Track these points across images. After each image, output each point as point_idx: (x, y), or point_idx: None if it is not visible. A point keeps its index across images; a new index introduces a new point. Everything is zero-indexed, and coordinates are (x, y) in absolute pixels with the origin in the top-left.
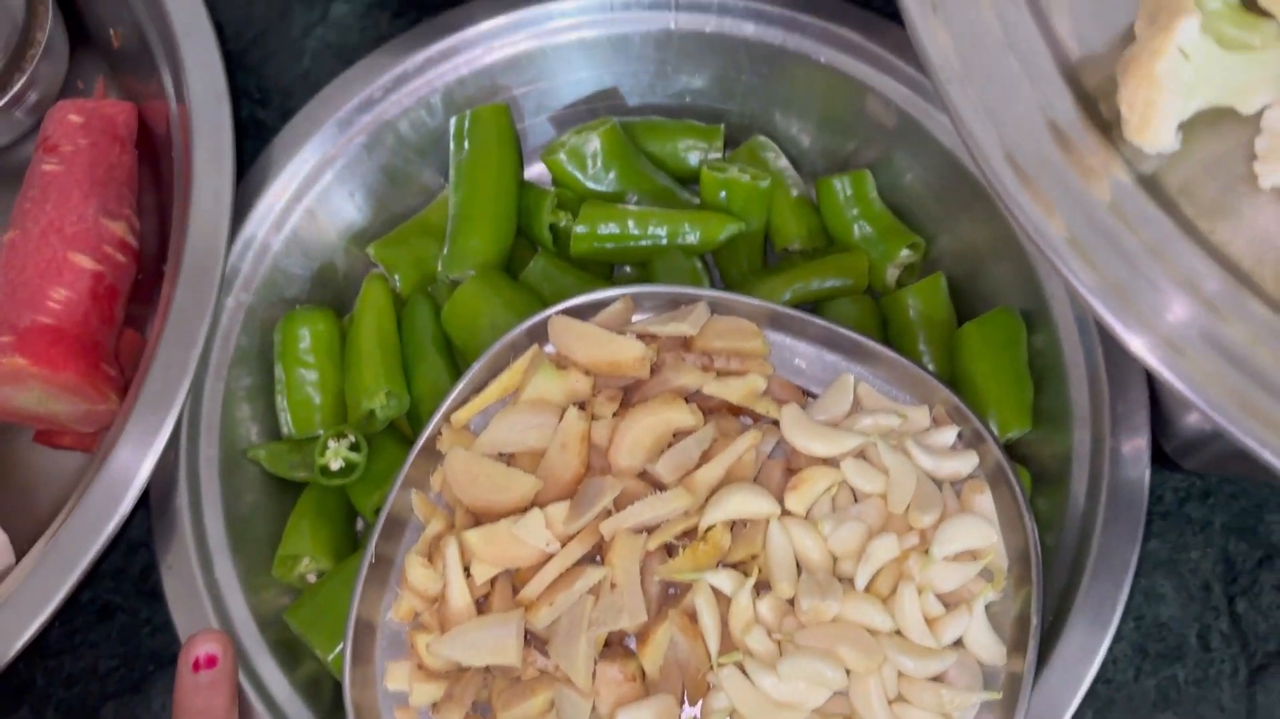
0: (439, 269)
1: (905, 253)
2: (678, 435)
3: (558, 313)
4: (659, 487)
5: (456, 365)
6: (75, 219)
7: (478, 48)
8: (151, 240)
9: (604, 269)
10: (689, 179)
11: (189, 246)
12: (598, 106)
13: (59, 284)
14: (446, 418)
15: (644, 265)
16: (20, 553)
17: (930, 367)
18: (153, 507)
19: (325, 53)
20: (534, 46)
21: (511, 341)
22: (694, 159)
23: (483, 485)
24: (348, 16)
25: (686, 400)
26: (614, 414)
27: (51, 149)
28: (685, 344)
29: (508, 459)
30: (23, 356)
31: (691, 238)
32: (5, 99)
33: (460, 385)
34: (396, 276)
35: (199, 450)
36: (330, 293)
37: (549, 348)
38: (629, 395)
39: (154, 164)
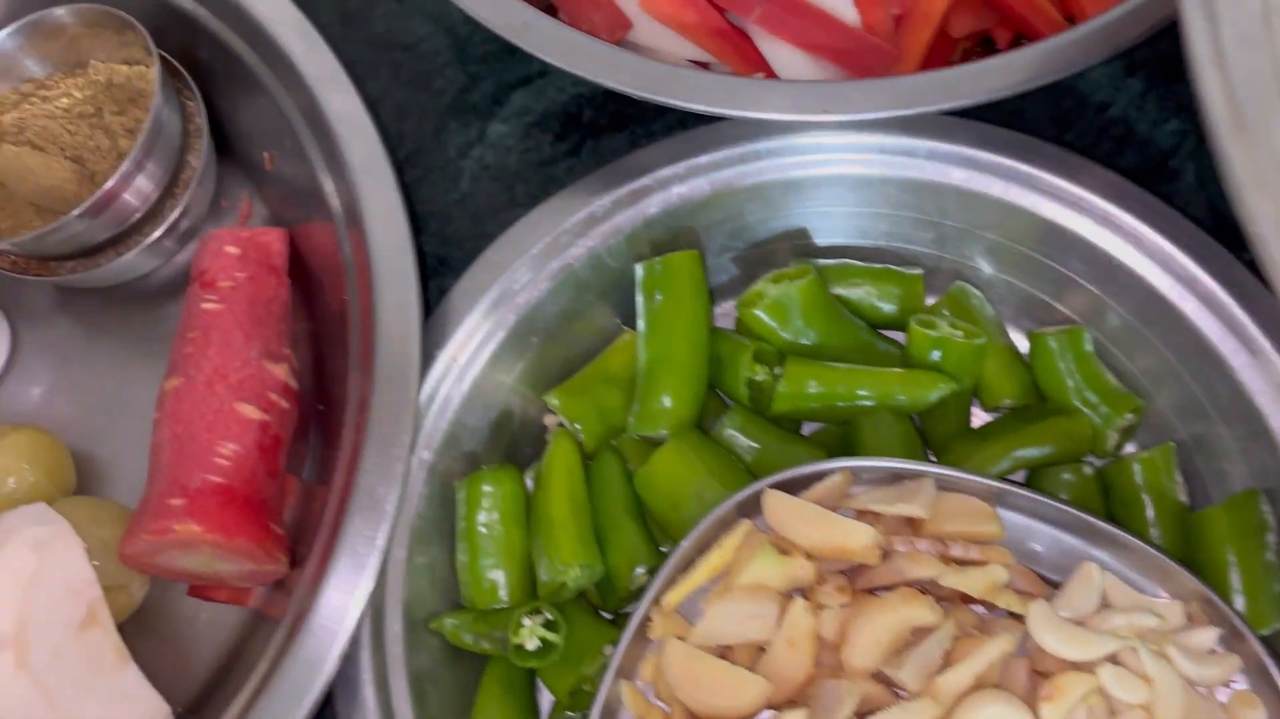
0: (630, 424)
1: (1128, 417)
2: (916, 633)
3: (770, 487)
4: (894, 688)
5: (649, 532)
6: (239, 364)
7: (671, 188)
8: (304, 375)
9: (796, 425)
10: (882, 326)
11: (377, 402)
12: (783, 246)
13: (226, 438)
14: (656, 601)
15: (844, 424)
16: (178, 712)
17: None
18: (336, 680)
19: (484, 175)
20: (729, 186)
21: (721, 518)
22: (887, 307)
23: (707, 687)
24: (507, 137)
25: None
26: (842, 605)
27: (209, 284)
28: (912, 526)
29: (723, 652)
30: (196, 523)
31: (902, 399)
32: (160, 229)
33: (670, 565)
34: (578, 426)
35: (384, 619)
36: (505, 442)
37: (758, 521)
38: (853, 581)
39: (304, 289)
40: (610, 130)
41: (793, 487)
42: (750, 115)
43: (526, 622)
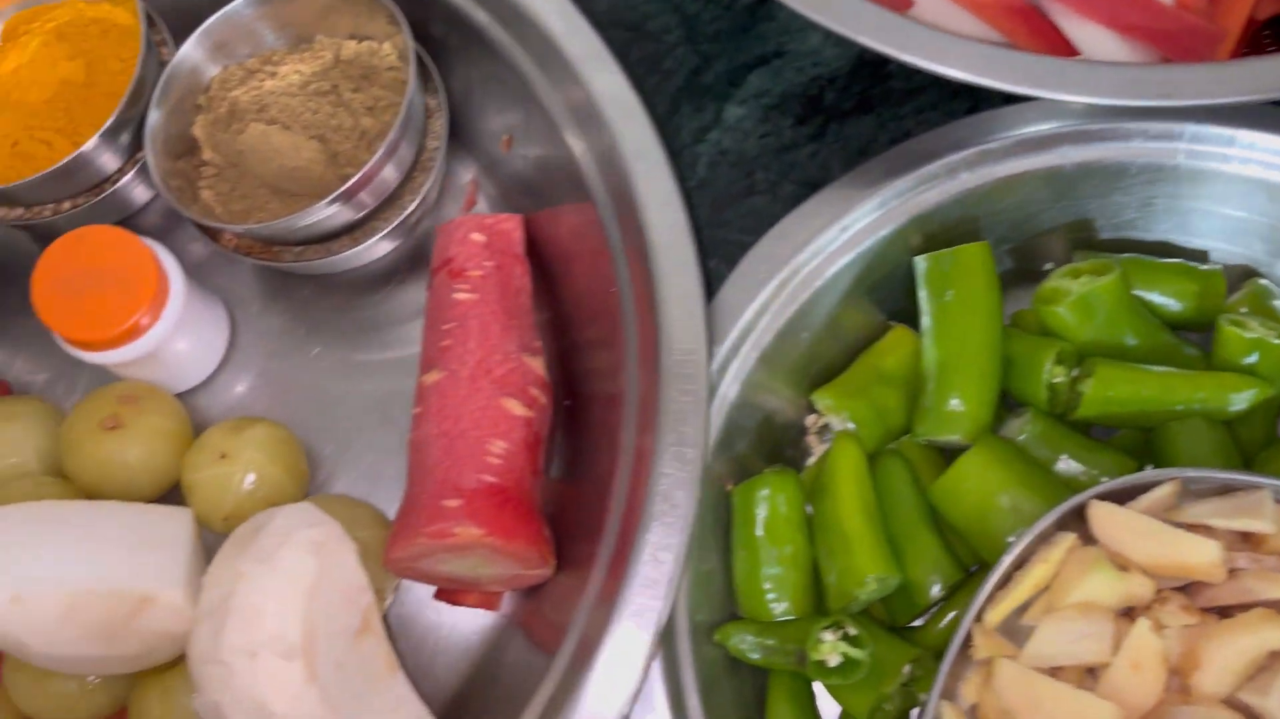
0: (915, 427)
1: None
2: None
3: (1096, 497)
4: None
5: (948, 543)
6: (500, 358)
7: (959, 175)
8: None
9: (1085, 429)
10: (1175, 325)
11: (665, 399)
12: (1062, 238)
13: (495, 435)
14: (978, 618)
15: (1149, 431)
16: None
17: None
18: None
19: (721, 161)
20: (1022, 173)
21: (1042, 532)
22: (1177, 304)
23: (1050, 711)
24: (744, 121)
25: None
26: (1185, 626)
27: (459, 274)
28: (1251, 542)
29: (1051, 674)
30: (476, 525)
31: (1210, 404)
32: (402, 216)
33: (991, 581)
34: (850, 427)
35: (675, 629)
36: (770, 444)
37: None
38: (1193, 600)
39: (544, 276)
40: (855, 114)
41: (1118, 499)
42: (1089, 100)
43: (827, 636)
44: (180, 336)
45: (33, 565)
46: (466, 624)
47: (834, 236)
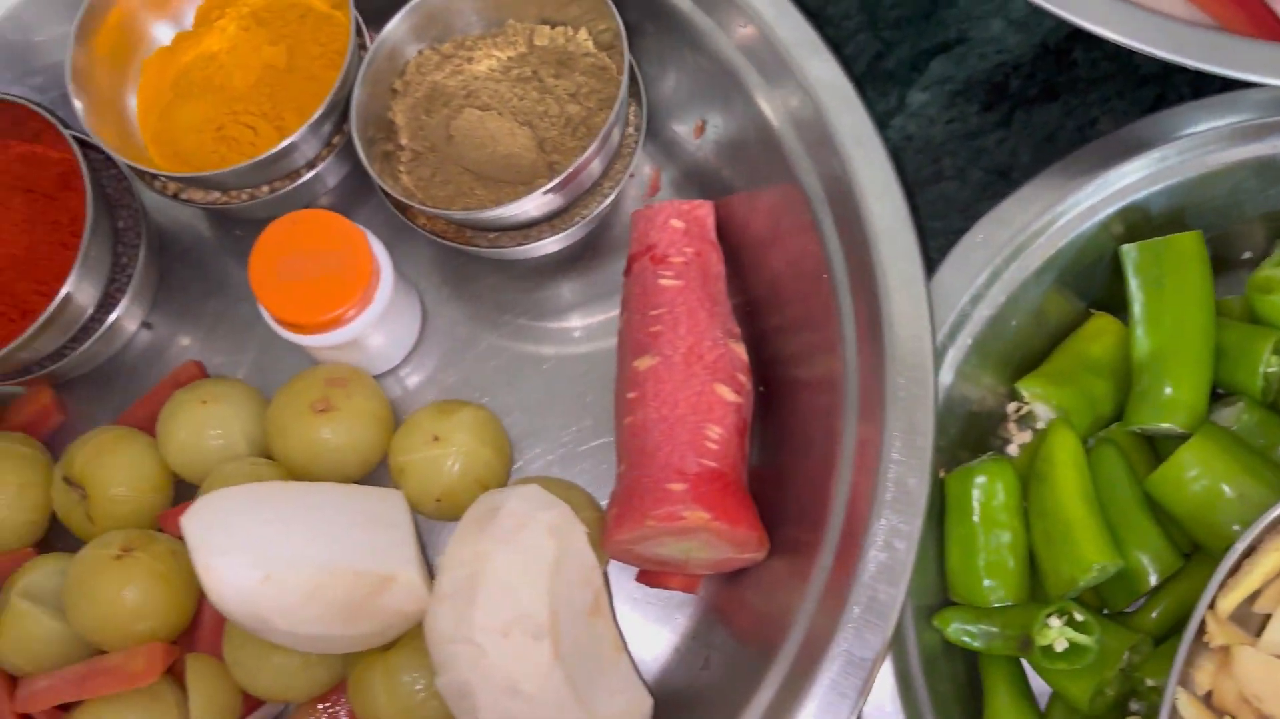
0: (1128, 415)
1: None
2: None
3: None
4: None
5: (1167, 531)
6: (710, 344)
7: (1168, 164)
8: None
9: None
10: None
11: (892, 387)
12: (1266, 227)
13: (710, 420)
14: (1211, 606)
15: None
16: None
17: None
18: None
19: (907, 147)
20: (1233, 162)
21: (1273, 520)
22: None
23: None
24: (928, 106)
25: None
26: None
27: (662, 260)
28: None
29: None
30: (703, 509)
31: None
32: (601, 206)
33: (1224, 569)
34: (1061, 412)
35: (903, 618)
36: (974, 431)
37: None
38: None
39: (732, 262)
40: (1041, 101)
41: None
42: None
43: (1053, 622)
44: (383, 322)
45: (283, 546)
46: (664, 604)
47: (1045, 225)
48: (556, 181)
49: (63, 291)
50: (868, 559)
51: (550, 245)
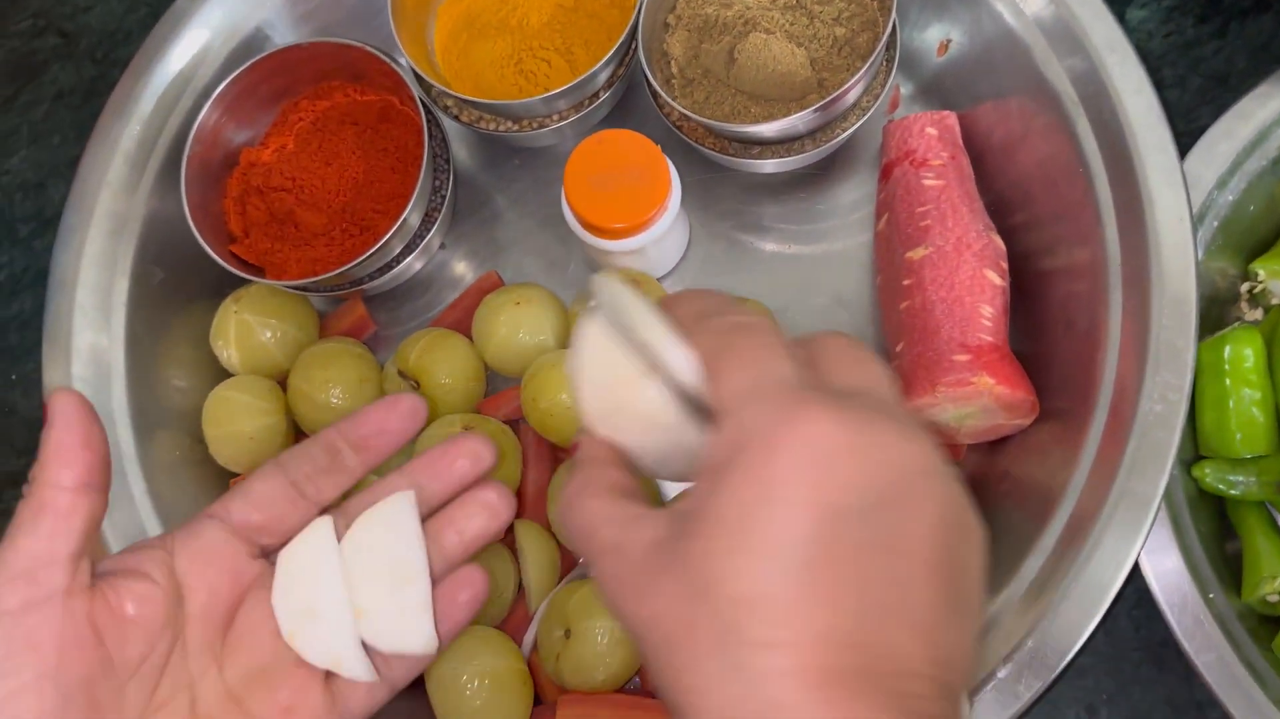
0: None
1: None
2: None
3: None
4: None
5: None
6: (974, 235)
7: None
8: None
9: None
10: None
11: (1156, 267)
12: None
13: (983, 301)
14: None
15: None
16: None
17: None
18: None
19: None
20: None
21: None
22: None
23: None
24: (1147, 22)
25: None
26: None
27: (922, 163)
28: None
29: None
30: (989, 375)
31: None
32: (863, 120)
33: None
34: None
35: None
36: (1214, 310)
37: None
38: None
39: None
40: (1255, 12)
41: None
42: None
43: None
44: (670, 230)
45: None
46: None
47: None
48: (831, 98)
49: (407, 211)
50: (1143, 411)
51: (810, 158)
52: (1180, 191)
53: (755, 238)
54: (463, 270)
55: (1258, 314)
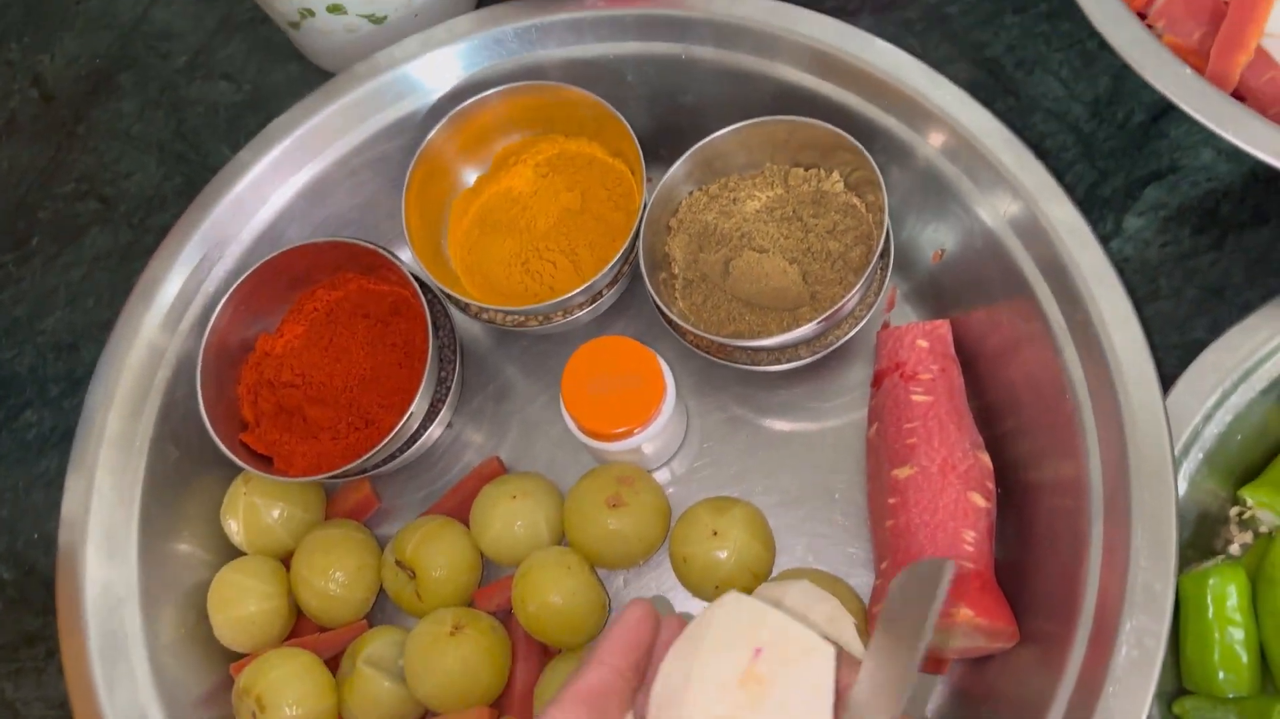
0: None
1: None
2: None
3: None
4: None
5: None
6: (961, 455)
7: None
8: None
9: None
10: None
11: (1138, 498)
12: None
13: (966, 526)
14: None
15: None
16: None
17: None
18: None
19: (1125, 268)
20: None
21: None
22: None
23: None
24: (1143, 231)
25: None
26: None
27: (911, 378)
28: None
29: None
30: (967, 607)
31: None
32: (857, 329)
33: None
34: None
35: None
36: (1199, 535)
37: None
38: None
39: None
40: (1252, 225)
41: None
42: None
43: None
44: (663, 429)
45: None
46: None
47: (1271, 351)
48: (824, 317)
49: (410, 409)
50: (1120, 655)
51: (806, 363)
52: (1163, 432)
53: (754, 414)
54: (470, 442)
55: (1247, 537)
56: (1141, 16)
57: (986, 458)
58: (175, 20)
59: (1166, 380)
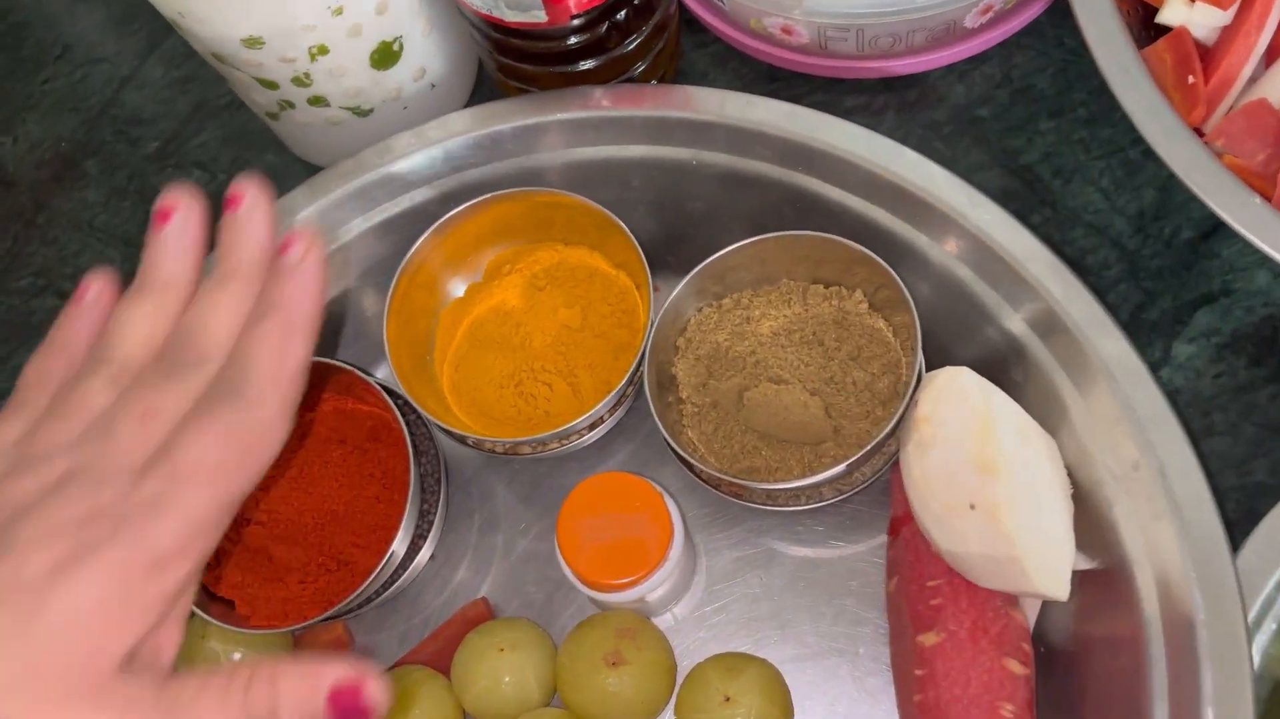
0: None
1: None
2: None
3: None
4: None
5: None
6: (993, 615)
7: None
8: None
9: None
10: None
11: (1204, 683)
12: None
13: (1004, 698)
14: None
15: None
16: None
17: None
18: None
19: (1175, 400)
20: None
21: None
22: None
23: None
24: (1194, 359)
25: None
26: None
27: None
28: None
29: None
30: None
31: None
32: (884, 467)
33: None
34: None
35: None
36: (1273, 710)
37: None
38: None
39: None
40: None
41: None
42: None
43: None
44: (675, 569)
45: None
46: None
47: None
48: (851, 461)
49: (390, 550)
50: None
51: (826, 503)
52: (1234, 600)
53: (769, 554)
54: (453, 576)
55: None
56: (1199, 133)
57: (1021, 615)
58: (147, 104)
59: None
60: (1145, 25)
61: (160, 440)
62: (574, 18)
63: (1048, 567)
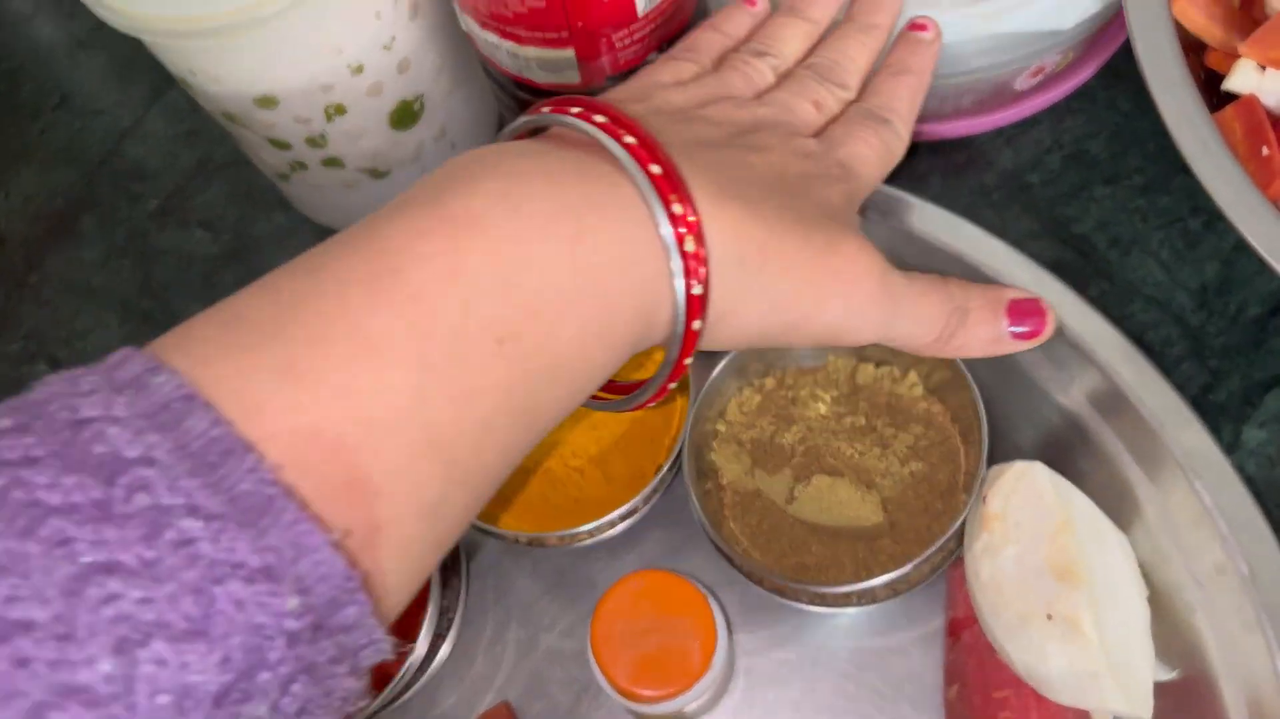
0: None
1: None
2: None
3: None
4: None
5: None
6: (1008, 676)
7: None
8: None
9: None
10: None
11: None
12: None
13: None
14: None
15: None
16: None
17: None
18: None
19: (1248, 490)
20: None
21: None
22: None
23: None
24: (1266, 445)
25: None
26: None
27: None
28: None
29: None
30: None
31: None
32: (940, 570)
33: None
34: None
35: None
36: None
37: None
38: None
39: None
40: None
41: None
42: None
43: None
44: (716, 681)
45: None
46: None
47: None
48: (916, 563)
49: (409, 662)
50: None
51: (882, 608)
52: None
53: (814, 657)
54: (472, 673)
55: None
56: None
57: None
58: (149, 158)
59: None
60: (1207, 90)
61: (821, 129)
62: (609, 78)
63: (1130, 682)
